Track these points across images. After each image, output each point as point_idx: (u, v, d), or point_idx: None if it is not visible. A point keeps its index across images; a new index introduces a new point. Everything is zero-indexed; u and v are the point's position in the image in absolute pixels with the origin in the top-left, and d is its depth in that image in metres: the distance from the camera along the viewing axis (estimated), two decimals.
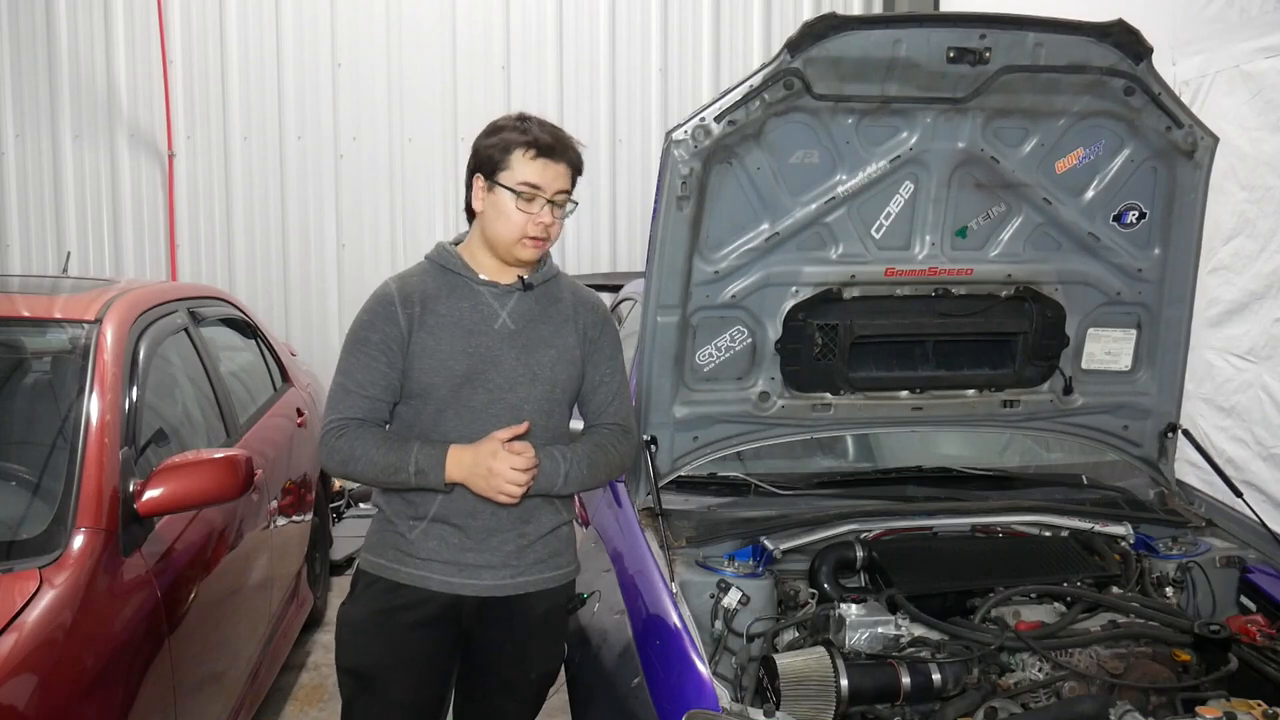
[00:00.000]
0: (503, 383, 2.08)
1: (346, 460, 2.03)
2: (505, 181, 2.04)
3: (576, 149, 2.10)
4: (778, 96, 2.25)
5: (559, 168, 2.06)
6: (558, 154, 2.05)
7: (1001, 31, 2.24)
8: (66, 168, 6.01)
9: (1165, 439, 2.82)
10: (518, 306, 2.12)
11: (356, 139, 6.17)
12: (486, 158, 2.06)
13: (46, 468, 2.34)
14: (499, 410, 2.07)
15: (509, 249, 2.08)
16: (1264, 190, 3.71)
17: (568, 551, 2.22)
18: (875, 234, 2.51)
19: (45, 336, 2.73)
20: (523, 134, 2.04)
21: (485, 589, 2.10)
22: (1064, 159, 2.49)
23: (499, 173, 2.04)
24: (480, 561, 2.09)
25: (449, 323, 2.07)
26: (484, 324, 2.09)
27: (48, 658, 1.90)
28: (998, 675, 2.10)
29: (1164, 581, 2.47)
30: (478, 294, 2.11)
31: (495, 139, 2.05)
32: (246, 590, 3.03)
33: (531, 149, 2.03)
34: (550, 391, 2.13)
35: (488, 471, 1.98)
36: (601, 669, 2.25)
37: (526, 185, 2.03)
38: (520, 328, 2.11)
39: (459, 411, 2.07)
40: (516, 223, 2.04)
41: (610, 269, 6.47)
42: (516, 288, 2.13)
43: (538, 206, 2.04)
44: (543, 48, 6.32)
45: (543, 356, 2.12)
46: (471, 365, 2.06)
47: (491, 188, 2.06)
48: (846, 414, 2.66)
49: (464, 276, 2.12)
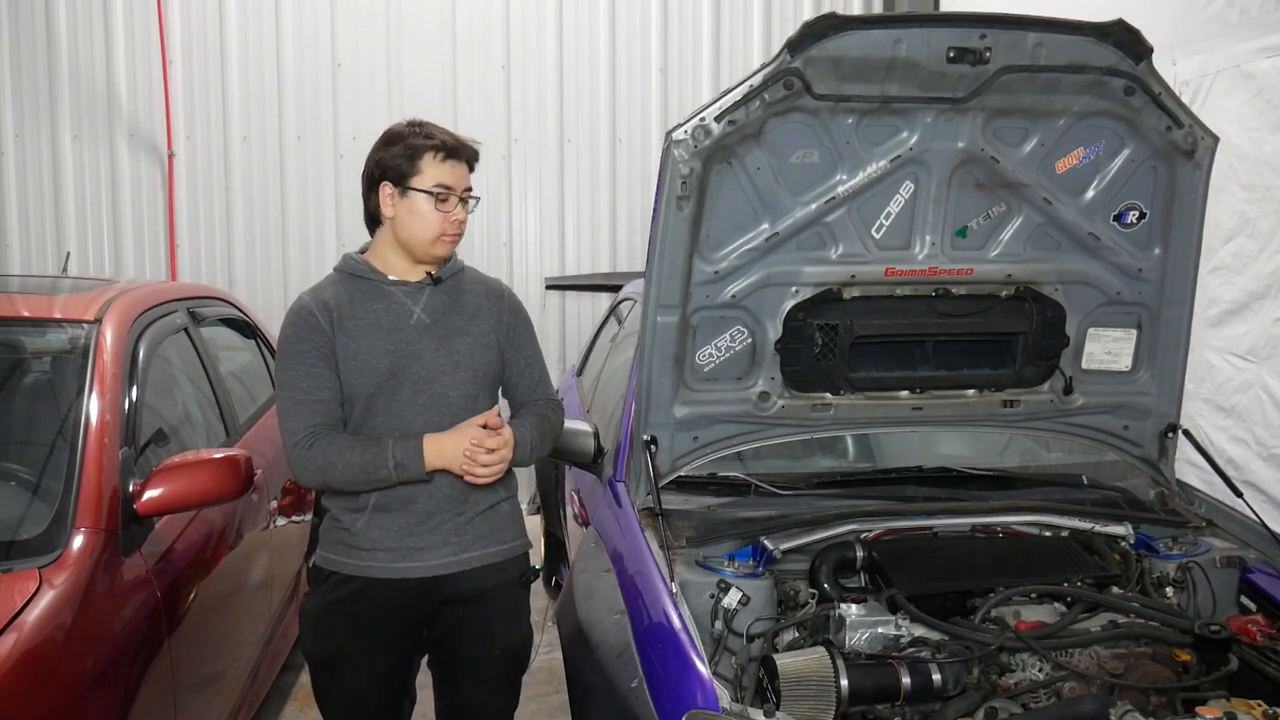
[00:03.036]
0: (426, 374, 2.17)
1: (323, 468, 2.10)
2: (418, 185, 2.15)
3: (474, 147, 2.23)
4: (778, 96, 2.25)
5: (463, 166, 2.20)
6: (461, 154, 2.19)
7: (1001, 31, 2.24)
8: (66, 168, 6.00)
9: (1165, 439, 2.82)
10: (430, 301, 2.22)
11: (356, 139, 6.15)
12: (393, 166, 2.16)
13: (46, 468, 2.34)
14: (425, 401, 2.17)
15: (427, 248, 2.18)
16: (1264, 190, 3.71)
17: (513, 527, 2.32)
18: (875, 234, 2.51)
19: (45, 336, 2.73)
20: (428, 138, 2.16)
21: (428, 569, 2.19)
22: (1064, 159, 2.49)
23: (409, 178, 2.15)
24: (421, 544, 2.19)
25: (366, 325, 2.16)
26: (400, 321, 2.18)
27: (48, 658, 1.90)
28: (998, 675, 2.10)
29: (1164, 581, 2.47)
30: (389, 294, 2.20)
31: (399, 147, 2.16)
32: (246, 590, 3.03)
33: (440, 152, 2.16)
34: (473, 377, 2.22)
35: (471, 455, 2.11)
36: (601, 669, 2.24)
37: (441, 186, 2.15)
38: (435, 320, 2.21)
39: (387, 406, 2.16)
40: (434, 222, 2.16)
41: (610, 269, 6.46)
42: (426, 284, 2.23)
43: (451, 205, 2.17)
44: (543, 48, 6.31)
45: (460, 344, 2.22)
46: (394, 361, 2.15)
47: (404, 193, 2.16)
48: (846, 414, 2.67)
49: (373, 280, 2.21)
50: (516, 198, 6.36)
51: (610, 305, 4.76)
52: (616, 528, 2.62)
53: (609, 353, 4.15)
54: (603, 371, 4.12)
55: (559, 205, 6.41)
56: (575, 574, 2.69)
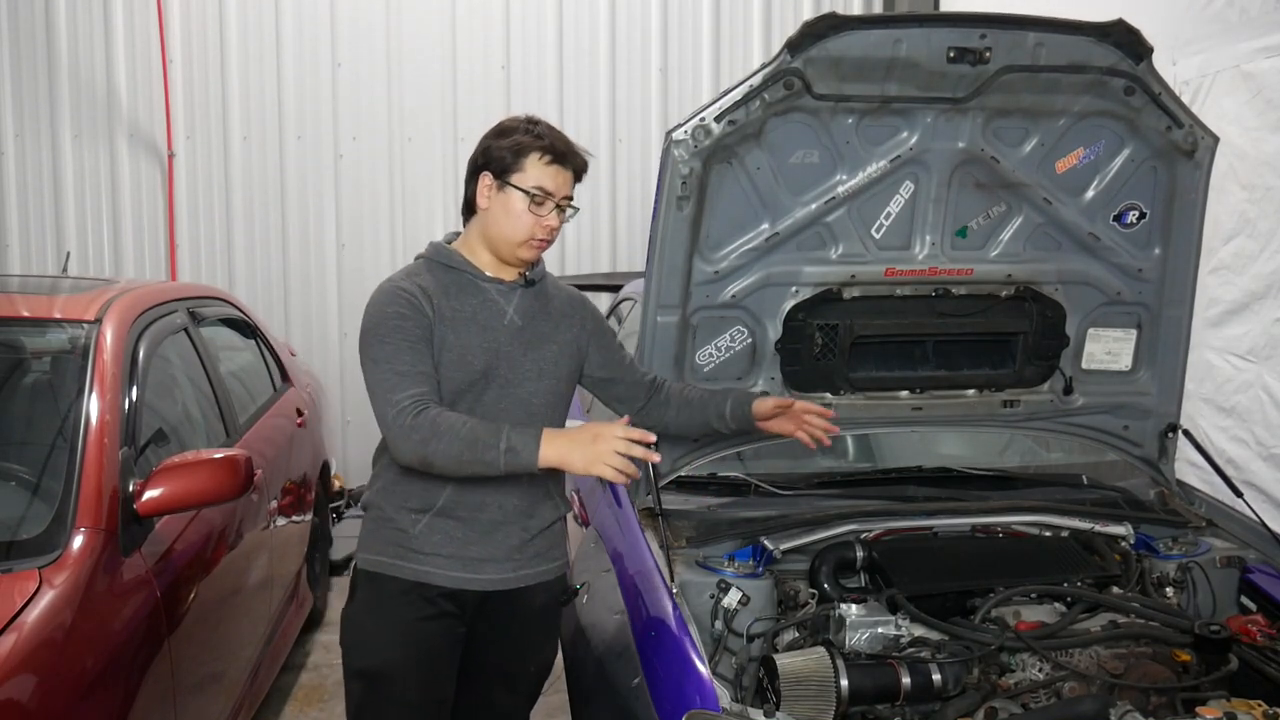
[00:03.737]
0: (513, 378, 2.10)
1: (429, 437, 1.89)
2: (518, 183, 2.05)
3: (584, 157, 2.13)
4: (778, 96, 2.25)
5: (568, 174, 2.10)
6: (569, 160, 2.09)
7: (1002, 31, 2.24)
8: (66, 168, 6.00)
9: (1165, 439, 2.82)
10: (521, 303, 2.14)
11: (356, 139, 6.16)
12: (498, 158, 2.07)
13: (46, 468, 2.34)
14: (509, 405, 2.09)
15: (513, 249, 2.09)
16: (1264, 190, 3.71)
17: (562, 544, 2.26)
18: (875, 234, 2.51)
19: (45, 336, 2.72)
20: (538, 138, 2.07)
21: (489, 583, 2.11)
22: (1064, 159, 2.49)
23: (511, 174, 2.06)
24: (484, 555, 2.09)
25: (465, 318, 2.07)
26: (495, 320, 2.10)
27: (47, 658, 1.90)
28: (998, 675, 2.10)
29: (1164, 581, 2.47)
30: (484, 290, 2.12)
31: (508, 140, 2.07)
32: (246, 590, 3.03)
33: (548, 154, 2.06)
34: (555, 385, 2.17)
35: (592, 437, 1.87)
36: (601, 669, 2.25)
37: (540, 189, 2.05)
38: (525, 324, 2.14)
39: (471, 407, 2.06)
40: (526, 224, 2.07)
41: (610, 269, 6.46)
42: (519, 284, 2.15)
43: (547, 210, 2.07)
44: (543, 48, 6.31)
45: (547, 352, 2.15)
46: (488, 361, 2.07)
47: (502, 187, 2.07)
48: (846, 414, 2.66)
49: (468, 274, 2.12)
50: None
51: (610, 305, 4.76)
52: (616, 528, 2.62)
53: None
54: None
55: None
56: (575, 574, 2.69)
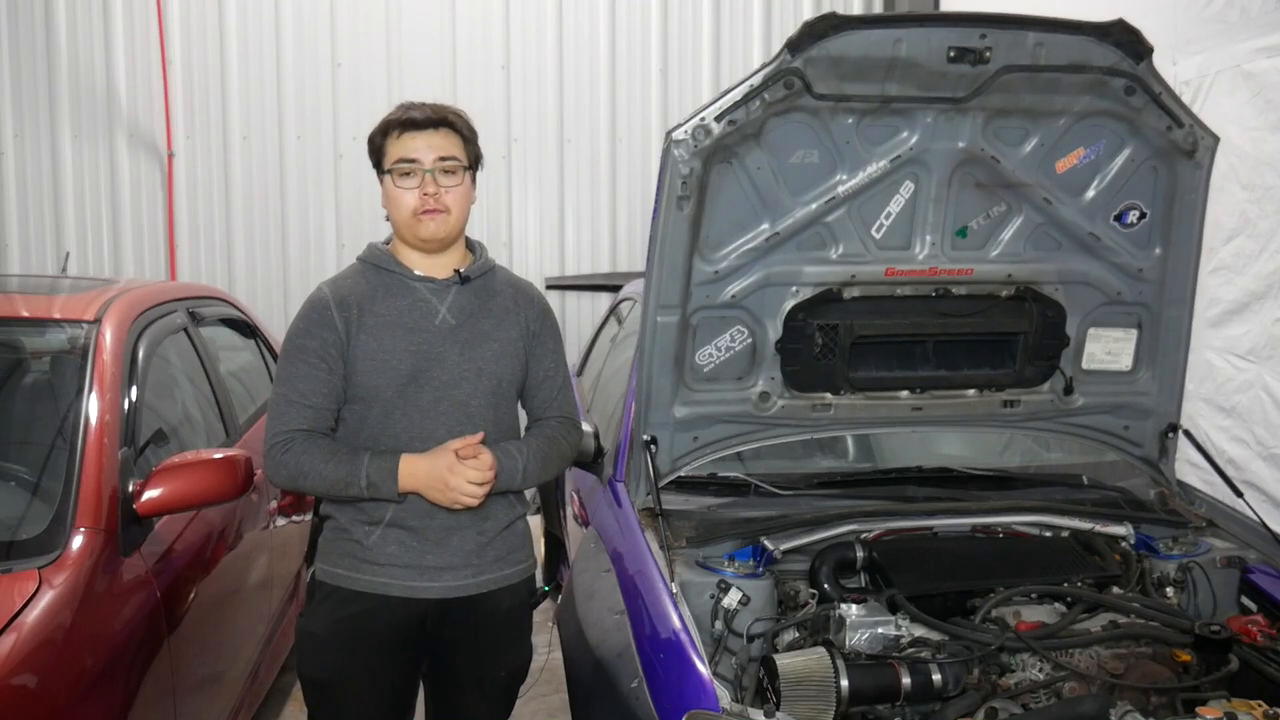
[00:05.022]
0: (448, 380, 2.06)
1: (295, 476, 1.99)
2: (385, 166, 2.07)
3: (453, 114, 2.09)
4: (778, 96, 2.25)
5: (433, 137, 2.05)
6: (427, 124, 2.05)
7: (1002, 31, 2.24)
8: (66, 168, 6.00)
9: (1166, 439, 2.82)
10: (456, 301, 2.10)
11: (356, 139, 6.15)
12: (373, 157, 2.10)
13: (46, 468, 2.34)
14: (446, 408, 2.05)
15: (410, 230, 2.07)
16: (1264, 190, 3.71)
17: (525, 545, 2.23)
18: (875, 234, 2.51)
19: (45, 336, 2.72)
20: (388, 121, 2.07)
21: (446, 590, 2.08)
22: (1064, 159, 2.49)
23: (382, 164, 2.08)
24: (440, 563, 2.07)
25: (388, 322, 2.05)
26: (424, 321, 2.06)
27: (47, 658, 1.90)
28: (998, 675, 2.10)
29: (1164, 582, 2.47)
30: (414, 290, 2.09)
31: (375, 132, 2.09)
32: (246, 590, 3.03)
33: (396, 128, 2.06)
34: (496, 386, 2.11)
35: (444, 486, 1.97)
36: (601, 669, 2.24)
37: (401, 161, 2.04)
38: (461, 323, 2.09)
39: (406, 412, 2.04)
40: (405, 201, 2.05)
41: (610, 269, 6.47)
42: (453, 282, 2.11)
43: (416, 180, 2.04)
44: (543, 48, 6.32)
45: (485, 351, 2.10)
46: (416, 364, 2.04)
47: (380, 179, 2.09)
48: (846, 414, 2.66)
49: (398, 274, 2.10)
50: (516, 198, 6.37)
51: (610, 305, 4.76)
52: (616, 528, 2.62)
53: (609, 353, 4.15)
54: (603, 371, 4.12)
55: (559, 205, 6.41)
56: (575, 574, 2.69)
